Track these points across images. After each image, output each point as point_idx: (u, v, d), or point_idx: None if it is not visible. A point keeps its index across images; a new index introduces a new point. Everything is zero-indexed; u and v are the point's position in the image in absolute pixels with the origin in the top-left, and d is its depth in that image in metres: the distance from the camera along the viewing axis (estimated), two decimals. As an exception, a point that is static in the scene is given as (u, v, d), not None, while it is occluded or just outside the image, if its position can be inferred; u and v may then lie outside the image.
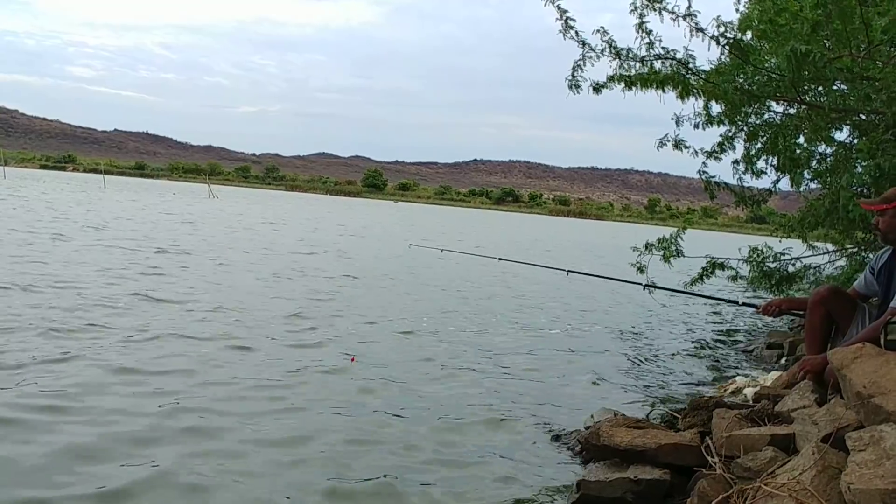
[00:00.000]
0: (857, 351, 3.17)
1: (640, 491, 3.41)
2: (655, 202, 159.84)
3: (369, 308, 9.48)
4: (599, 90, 6.87)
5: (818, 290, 4.33)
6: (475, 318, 9.60)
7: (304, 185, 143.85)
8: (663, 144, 7.95)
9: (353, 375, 5.94)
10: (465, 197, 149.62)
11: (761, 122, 7.89)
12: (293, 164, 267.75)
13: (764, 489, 2.72)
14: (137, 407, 4.56)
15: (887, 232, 3.90)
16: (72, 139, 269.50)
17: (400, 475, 3.89)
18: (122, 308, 7.68)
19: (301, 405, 4.96)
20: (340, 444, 4.29)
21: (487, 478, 3.96)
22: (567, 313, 10.97)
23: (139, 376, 5.23)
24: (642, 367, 7.35)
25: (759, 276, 8.98)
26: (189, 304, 8.36)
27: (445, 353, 7.21)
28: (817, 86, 6.77)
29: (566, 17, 6.66)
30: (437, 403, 5.37)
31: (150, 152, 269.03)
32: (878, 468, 2.48)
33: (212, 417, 4.52)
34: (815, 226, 8.17)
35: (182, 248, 14.89)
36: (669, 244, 8.55)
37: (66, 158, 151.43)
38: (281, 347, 6.67)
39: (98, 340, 6.15)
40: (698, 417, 4.11)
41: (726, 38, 6.50)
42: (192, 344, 6.41)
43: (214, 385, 5.21)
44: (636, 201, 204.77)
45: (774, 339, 8.52)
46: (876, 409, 2.80)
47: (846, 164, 6.93)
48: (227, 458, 3.89)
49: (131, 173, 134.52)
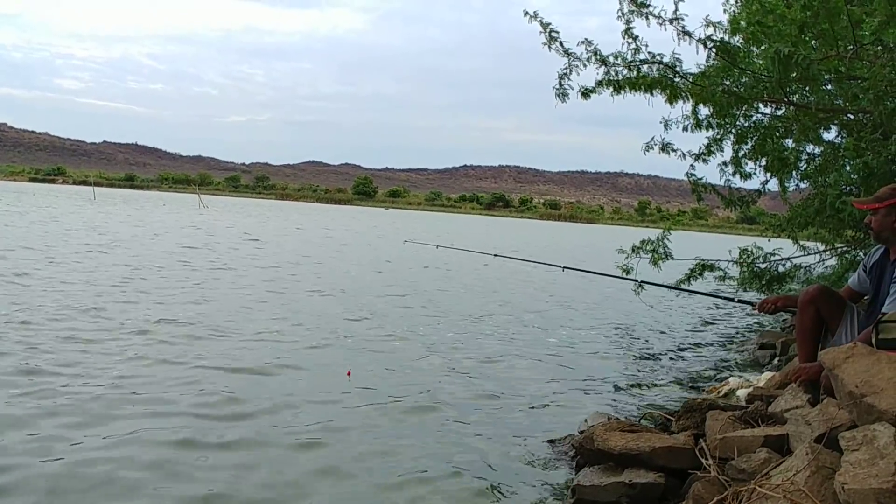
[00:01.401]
0: (848, 351, 3.17)
1: (635, 495, 3.40)
2: (646, 204, 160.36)
3: (351, 314, 9.47)
4: (588, 95, 6.89)
5: (807, 289, 4.32)
6: (465, 321, 9.59)
7: (295, 194, 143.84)
8: (650, 148, 7.98)
9: (352, 378, 5.96)
10: (455, 203, 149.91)
11: (749, 125, 7.91)
12: (283, 173, 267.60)
13: (758, 491, 2.72)
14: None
15: (880, 231, 3.90)
16: (61, 151, 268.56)
17: (389, 479, 3.88)
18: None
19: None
20: (334, 447, 4.28)
21: (481, 483, 3.94)
22: (558, 316, 10.96)
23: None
24: (635, 369, 7.35)
25: (749, 277, 9.00)
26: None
27: (435, 357, 7.20)
28: (804, 86, 6.80)
29: (550, 31, 6.70)
30: (427, 405, 5.38)
31: (140, 163, 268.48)
32: (871, 467, 2.47)
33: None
34: (805, 225, 8.21)
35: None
36: (657, 246, 8.56)
37: (55, 171, 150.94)
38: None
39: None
40: (692, 420, 4.10)
41: (713, 42, 6.52)
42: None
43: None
44: (626, 204, 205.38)
45: (767, 339, 8.53)
46: (868, 408, 2.79)
47: (834, 164, 6.96)
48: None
49: (121, 185, 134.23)
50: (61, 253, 14.27)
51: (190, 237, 22.38)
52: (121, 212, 37.52)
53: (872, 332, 3.42)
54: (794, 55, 5.36)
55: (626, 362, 7.69)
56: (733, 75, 6.65)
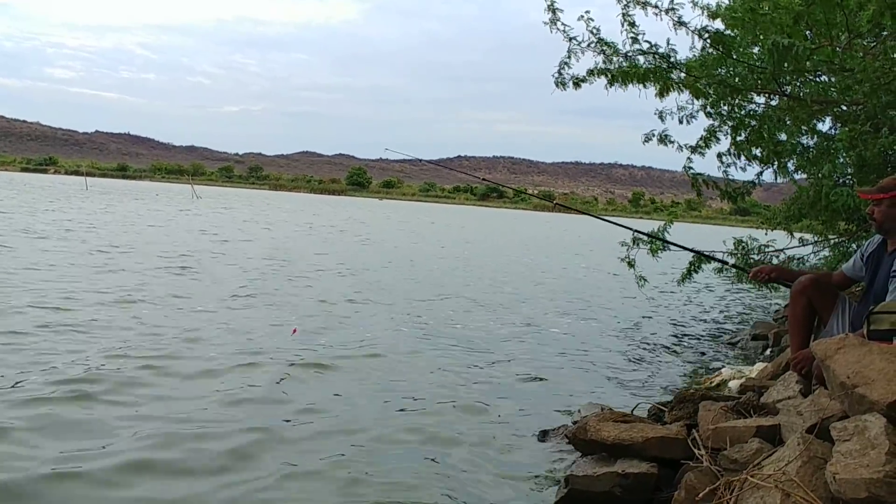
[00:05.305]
0: (840, 341, 3.18)
1: (628, 485, 3.41)
2: (639, 196, 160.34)
3: (358, 293, 9.46)
4: (579, 84, 6.89)
5: (800, 279, 4.32)
6: (458, 312, 9.60)
7: (289, 185, 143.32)
8: (649, 139, 7.97)
9: (336, 368, 5.96)
10: (449, 193, 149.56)
11: (745, 114, 7.91)
12: (277, 164, 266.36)
13: (750, 481, 2.73)
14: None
15: (883, 221, 3.88)
16: (52, 141, 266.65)
17: (383, 469, 3.89)
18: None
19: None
20: (337, 441, 4.29)
21: (474, 472, 3.96)
22: (553, 307, 10.98)
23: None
24: (628, 360, 7.37)
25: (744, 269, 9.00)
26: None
27: (430, 346, 7.22)
28: (798, 78, 6.80)
29: (554, 7, 6.70)
30: (420, 396, 5.39)
31: (133, 153, 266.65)
32: (862, 458, 2.48)
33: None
34: (800, 217, 8.21)
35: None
36: (655, 237, 8.54)
37: (47, 161, 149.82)
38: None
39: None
40: (685, 410, 4.12)
41: (708, 32, 6.52)
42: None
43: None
44: (620, 195, 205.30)
45: (759, 330, 8.55)
46: (860, 398, 2.80)
47: (828, 155, 6.97)
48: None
49: (113, 175, 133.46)
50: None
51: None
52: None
53: (864, 324, 3.44)
54: (792, 46, 5.36)
55: (619, 353, 7.71)
56: (728, 65, 6.65)
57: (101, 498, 3.35)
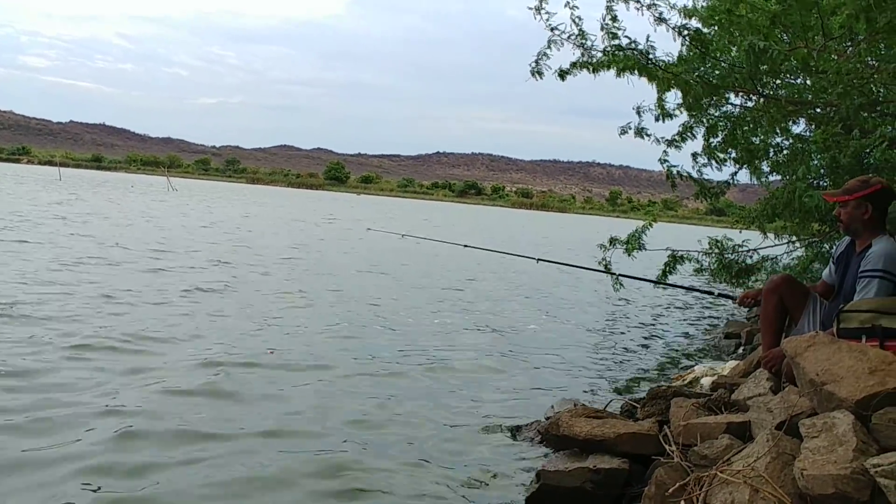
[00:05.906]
0: (810, 339, 3.21)
1: (599, 480, 3.42)
2: (617, 194, 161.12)
3: (327, 297, 9.42)
4: (564, 76, 6.88)
5: (772, 278, 4.38)
6: (431, 310, 9.59)
7: (266, 178, 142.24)
8: (625, 132, 7.99)
9: (310, 374, 5.85)
10: (428, 189, 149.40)
11: (720, 115, 7.95)
12: (254, 157, 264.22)
13: (720, 476, 2.75)
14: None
15: (849, 223, 3.95)
16: (25, 131, 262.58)
17: (355, 468, 3.87)
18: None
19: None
20: (297, 439, 4.26)
21: (445, 469, 3.95)
22: (529, 305, 11.01)
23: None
24: (603, 357, 7.41)
25: (718, 268, 9.08)
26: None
27: (401, 344, 7.19)
28: (774, 79, 6.85)
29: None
30: (393, 394, 5.36)
31: (108, 144, 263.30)
32: (830, 454, 2.51)
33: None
34: (774, 218, 8.28)
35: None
36: (633, 239, 8.57)
37: (20, 150, 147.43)
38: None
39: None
40: (657, 407, 4.14)
41: (687, 30, 6.54)
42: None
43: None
44: (598, 194, 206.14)
45: (732, 328, 8.64)
46: (829, 396, 2.83)
47: (802, 157, 7.03)
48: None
49: (88, 166, 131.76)
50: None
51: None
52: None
53: (833, 322, 3.48)
54: (768, 49, 5.39)
55: (593, 350, 7.74)
56: (706, 64, 6.69)
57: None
